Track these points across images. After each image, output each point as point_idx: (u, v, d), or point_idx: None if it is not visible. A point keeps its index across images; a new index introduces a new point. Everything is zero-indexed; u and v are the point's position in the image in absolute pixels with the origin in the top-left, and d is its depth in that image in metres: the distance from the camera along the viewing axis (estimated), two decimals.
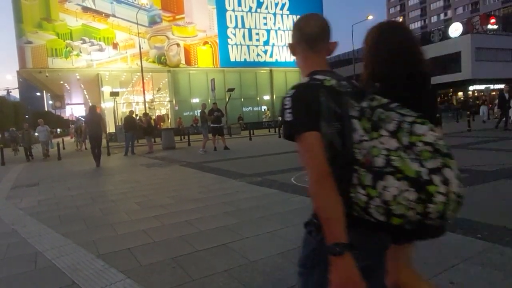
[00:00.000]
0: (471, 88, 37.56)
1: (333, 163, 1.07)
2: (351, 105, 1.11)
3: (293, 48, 1.30)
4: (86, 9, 27.25)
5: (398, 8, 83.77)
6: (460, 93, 39.74)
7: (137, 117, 18.58)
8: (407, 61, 1.51)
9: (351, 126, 1.08)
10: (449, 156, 1.04)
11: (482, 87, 34.77)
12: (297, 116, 1.10)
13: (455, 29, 38.25)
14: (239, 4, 31.80)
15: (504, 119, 13.96)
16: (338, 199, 1.05)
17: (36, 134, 15.52)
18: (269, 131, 26.11)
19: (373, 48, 1.57)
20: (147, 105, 25.01)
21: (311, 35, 1.23)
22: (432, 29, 48.05)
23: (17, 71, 27.07)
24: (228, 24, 31.48)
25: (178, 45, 29.75)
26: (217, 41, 31.06)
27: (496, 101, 21.50)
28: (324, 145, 1.07)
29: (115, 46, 27.72)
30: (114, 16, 27.92)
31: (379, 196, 1.02)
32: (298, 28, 1.26)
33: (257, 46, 32.87)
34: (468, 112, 16.23)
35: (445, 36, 39.11)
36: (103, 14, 27.70)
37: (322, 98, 1.09)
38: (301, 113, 1.10)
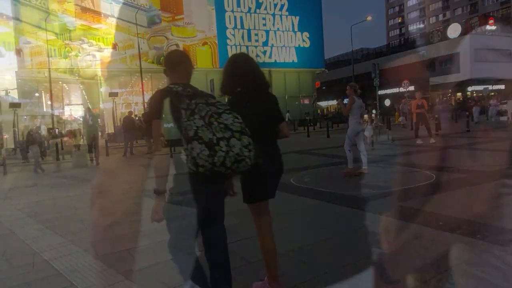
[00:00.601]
0: (470, 88, 37.60)
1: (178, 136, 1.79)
2: (184, 102, 1.80)
3: (165, 71, 2.00)
4: (85, 10, 27.18)
5: (397, 9, 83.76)
6: (459, 94, 39.81)
7: (136, 118, 18.53)
8: (252, 80, 2.22)
9: (180, 114, 1.79)
10: (240, 132, 1.79)
11: (481, 87, 34.84)
12: (150, 109, 1.87)
13: (454, 30, 38.34)
14: (238, 5, 31.75)
15: None
16: (167, 166, 1.84)
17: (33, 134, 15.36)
18: None
19: (228, 71, 2.25)
20: (146, 106, 24.95)
21: (172, 63, 2.02)
22: (431, 30, 48.15)
23: (16, 72, 26.94)
24: (227, 24, 31.43)
25: (177, 45, 29.67)
26: (216, 41, 31.04)
27: (491, 102, 21.62)
28: (169, 127, 1.84)
29: (114, 46, 27.63)
30: (113, 16, 27.87)
31: (190, 154, 1.75)
32: (165, 58, 2.09)
33: (256, 47, 32.80)
34: (467, 113, 16.23)
35: (444, 37, 39.20)
36: (102, 15, 27.64)
37: (167, 98, 1.82)
38: (152, 108, 1.86)
